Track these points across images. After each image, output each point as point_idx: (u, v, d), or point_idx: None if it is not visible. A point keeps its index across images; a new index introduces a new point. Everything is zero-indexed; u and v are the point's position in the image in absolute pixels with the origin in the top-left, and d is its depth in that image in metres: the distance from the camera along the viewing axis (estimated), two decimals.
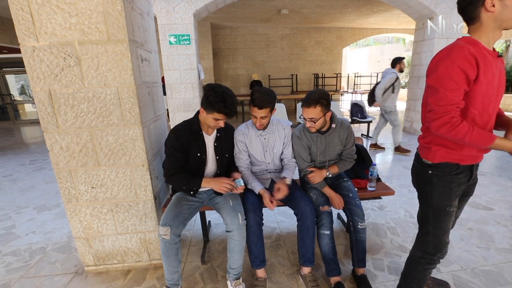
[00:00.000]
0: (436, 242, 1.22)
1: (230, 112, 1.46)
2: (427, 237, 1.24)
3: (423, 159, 1.21)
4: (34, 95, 1.44)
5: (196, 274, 1.78)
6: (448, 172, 1.16)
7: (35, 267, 1.88)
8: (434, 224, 1.21)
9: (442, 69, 1.01)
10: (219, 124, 1.51)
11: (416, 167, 1.28)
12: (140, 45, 1.62)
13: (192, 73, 4.92)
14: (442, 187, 1.17)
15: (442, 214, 1.19)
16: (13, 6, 1.31)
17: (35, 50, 1.38)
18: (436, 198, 1.19)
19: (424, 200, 1.24)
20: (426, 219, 1.24)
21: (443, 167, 1.16)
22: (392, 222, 2.33)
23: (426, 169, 1.20)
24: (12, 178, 3.72)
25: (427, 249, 1.25)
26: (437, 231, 1.21)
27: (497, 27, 1.03)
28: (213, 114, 1.46)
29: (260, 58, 9.89)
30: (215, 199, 1.68)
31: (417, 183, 1.29)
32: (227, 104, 1.42)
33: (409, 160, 3.98)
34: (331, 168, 1.74)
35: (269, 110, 1.60)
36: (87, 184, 1.62)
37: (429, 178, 1.20)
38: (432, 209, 1.21)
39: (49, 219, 2.55)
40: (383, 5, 6.87)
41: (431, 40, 5.10)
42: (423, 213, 1.26)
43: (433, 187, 1.19)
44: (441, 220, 1.20)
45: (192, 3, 4.58)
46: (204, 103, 1.46)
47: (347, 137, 1.73)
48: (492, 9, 0.99)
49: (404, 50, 18.06)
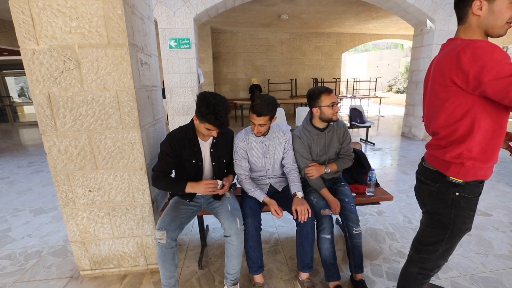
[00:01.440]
0: (440, 262, 1.13)
1: (221, 124, 1.43)
2: (431, 256, 1.13)
3: (450, 177, 1.02)
4: (33, 97, 1.44)
5: (193, 279, 1.76)
6: (476, 193, 1.02)
7: (30, 271, 1.85)
8: (446, 246, 1.09)
9: (488, 62, 0.83)
10: (211, 133, 1.49)
11: (431, 186, 1.08)
12: (140, 49, 1.62)
13: (191, 76, 4.93)
14: (468, 210, 1.03)
15: (460, 236, 1.07)
16: (14, 9, 1.32)
17: (35, 53, 1.38)
18: (459, 222, 1.04)
19: (443, 224, 1.07)
20: (438, 242, 1.09)
21: (472, 187, 1.01)
22: (391, 228, 2.32)
23: (452, 190, 1.02)
24: (9, 181, 3.70)
25: (426, 266, 1.16)
26: (447, 251, 1.10)
27: (483, 33, 0.95)
28: (204, 124, 1.44)
29: (260, 63, 9.94)
30: (213, 203, 1.67)
31: (435, 206, 1.08)
32: (218, 117, 1.39)
33: (408, 166, 3.99)
34: (330, 165, 1.75)
35: (268, 118, 1.59)
36: (84, 187, 1.61)
37: (457, 201, 1.02)
38: (451, 233, 1.06)
39: (45, 222, 2.53)
40: (382, 11, 6.94)
41: (429, 46, 5.15)
42: (436, 235, 1.10)
43: (460, 211, 1.02)
44: (455, 242, 1.08)
45: (192, 7, 4.62)
46: (197, 112, 1.45)
47: (343, 135, 1.78)
48: (479, 12, 0.92)
49: (403, 55, 18.21)
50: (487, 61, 0.83)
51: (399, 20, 7.60)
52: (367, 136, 5.48)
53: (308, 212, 1.53)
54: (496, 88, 0.83)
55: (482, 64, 0.84)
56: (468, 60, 0.87)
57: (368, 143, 5.38)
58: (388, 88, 17.59)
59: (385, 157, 4.55)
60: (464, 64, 0.88)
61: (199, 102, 1.42)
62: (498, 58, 0.82)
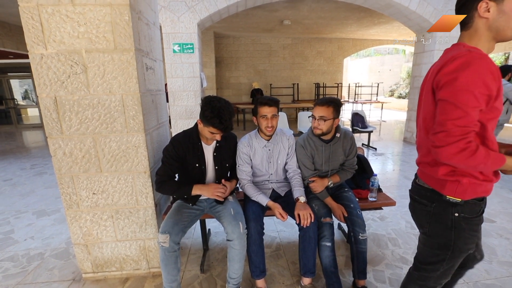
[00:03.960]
0: (441, 280, 1.05)
1: (225, 128, 1.45)
2: (431, 275, 1.05)
3: (447, 196, 0.93)
4: (40, 101, 1.46)
5: (195, 283, 1.76)
6: (478, 212, 0.94)
7: (32, 274, 1.86)
8: (447, 266, 1.01)
9: (462, 81, 0.79)
10: (215, 137, 1.51)
11: (427, 206, 0.99)
12: (145, 54, 1.65)
13: (195, 81, 4.97)
14: (470, 231, 0.94)
15: (462, 256, 0.99)
16: (24, 15, 1.35)
17: (43, 57, 1.41)
18: (461, 243, 0.95)
19: (443, 246, 0.98)
20: (439, 262, 1.01)
21: (471, 206, 0.92)
22: (393, 233, 2.31)
23: (451, 210, 0.93)
24: (12, 182, 3.72)
25: (427, 284, 1.07)
26: (448, 270, 1.02)
27: (492, 37, 0.87)
28: (209, 128, 1.46)
29: (262, 67, 10.01)
30: (216, 207, 1.68)
31: (433, 228, 0.99)
32: (222, 121, 1.41)
33: (410, 171, 3.98)
34: (333, 178, 1.75)
35: (277, 111, 1.64)
36: (88, 190, 1.62)
37: (456, 222, 0.93)
38: (452, 253, 0.97)
39: (48, 224, 2.54)
40: (384, 17, 6.99)
41: (431, 51, 5.18)
42: (436, 256, 1.01)
43: (461, 232, 0.94)
44: (457, 261, 1.00)
45: (196, 13, 4.68)
46: (201, 116, 1.47)
47: (350, 148, 1.76)
48: (486, 14, 0.83)
49: (404, 61, 18.27)
50: (463, 96, 0.79)
51: (400, 25, 7.65)
52: (369, 141, 5.47)
53: (310, 217, 1.53)
54: (440, 111, 0.83)
55: (457, 88, 0.80)
56: (450, 71, 0.82)
57: (370, 148, 5.38)
58: (390, 93, 17.61)
59: (387, 162, 4.54)
60: (443, 72, 0.84)
61: (203, 106, 1.44)
62: (473, 96, 0.78)
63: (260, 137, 1.74)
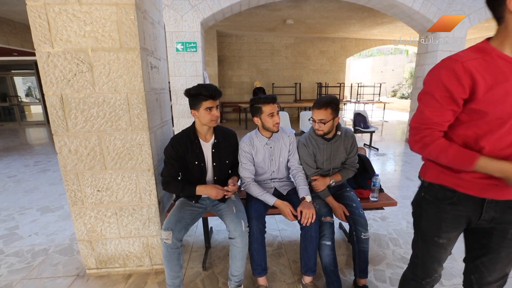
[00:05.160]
0: (424, 268, 1.10)
1: (213, 93, 1.51)
2: (416, 260, 1.13)
3: (419, 175, 1.07)
4: (46, 99, 1.48)
5: (197, 280, 1.78)
6: (441, 199, 0.98)
7: (37, 269, 1.89)
8: (422, 250, 1.08)
9: (426, 84, 0.91)
10: (213, 114, 1.54)
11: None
12: (150, 53, 1.66)
13: (197, 79, 4.98)
14: (432, 214, 1.01)
15: (430, 243, 1.05)
16: (31, 14, 1.37)
17: (50, 55, 1.43)
18: (425, 225, 1.05)
19: (415, 224, 1.11)
20: (415, 242, 1.12)
21: (435, 191, 0.99)
22: (394, 233, 2.32)
23: (421, 190, 1.06)
24: (17, 179, 3.76)
25: (416, 271, 1.14)
26: (425, 257, 1.08)
27: None
28: (202, 106, 1.51)
29: (264, 66, 10.01)
30: (218, 205, 1.70)
31: (412, 202, 1.14)
32: (207, 88, 1.49)
33: (412, 172, 3.98)
34: (335, 176, 1.76)
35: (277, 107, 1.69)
36: (93, 187, 1.65)
37: (421, 200, 1.05)
38: (422, 235, 1.08)
39: (52, 220, 2.57)
40: (387, 17, 6.97)
41: (434, 52, 5.15)
42: (415, 235, 1.13)
43: (423, 213, 1.04)
44: (428, 248, 1.06)
45: (199, 12, 4.69)
46: (190, 103, 1.55)
47: (351, 146, 1.77)
48: None
49: (408, 61, 18.18)
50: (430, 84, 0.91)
51: (404, 26, 7.62)
52: (371, 141, 5.47)
53: (312, 217, 1.55)
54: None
55: (422, 91, 0.93)
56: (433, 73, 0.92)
57: (372, 148, 5.38)
58: (392, 94, 17.55)
59: (389, 162, 4.54)
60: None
61: (187, 93, 1.53)
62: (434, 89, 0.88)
63: (261, 135, 1.76)
